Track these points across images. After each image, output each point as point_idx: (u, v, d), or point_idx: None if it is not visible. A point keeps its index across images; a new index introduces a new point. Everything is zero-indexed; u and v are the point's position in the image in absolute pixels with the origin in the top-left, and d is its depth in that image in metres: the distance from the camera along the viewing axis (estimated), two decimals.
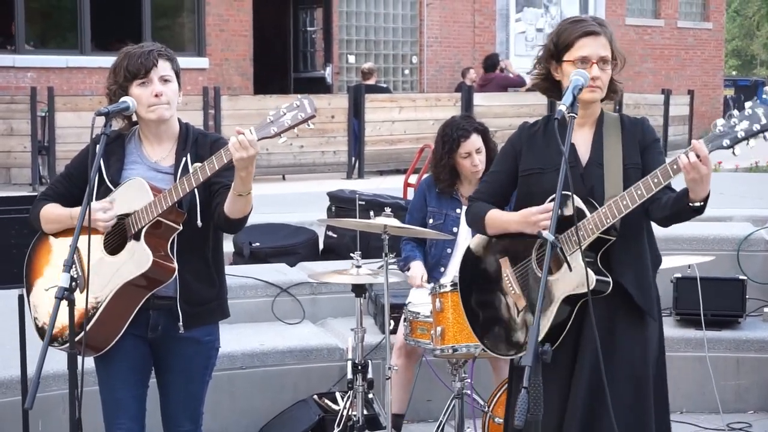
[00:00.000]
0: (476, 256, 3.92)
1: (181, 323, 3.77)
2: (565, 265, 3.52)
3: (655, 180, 3.39)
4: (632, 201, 3.44)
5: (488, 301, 3.83)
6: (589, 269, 3.47)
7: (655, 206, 3.57)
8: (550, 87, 3.79)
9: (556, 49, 3.69)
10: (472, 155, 5.35)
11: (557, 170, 3.40)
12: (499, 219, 3.80)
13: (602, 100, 3.79)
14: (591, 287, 3.46)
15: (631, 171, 3.63)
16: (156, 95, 3.70)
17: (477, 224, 3.90)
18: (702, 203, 3.46)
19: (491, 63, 17.38)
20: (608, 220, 3.48)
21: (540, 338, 3.46)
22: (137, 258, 3.64)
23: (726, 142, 3.31)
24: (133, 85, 3.71)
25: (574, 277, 3.51)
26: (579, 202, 3.55)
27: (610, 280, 3.58)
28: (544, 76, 3.79)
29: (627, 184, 3.55)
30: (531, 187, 3.74)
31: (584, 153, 3.72)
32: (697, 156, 3.31)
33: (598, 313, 3.54)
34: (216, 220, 3.72)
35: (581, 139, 3.73)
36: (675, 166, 3.37)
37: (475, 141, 5.37)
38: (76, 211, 3.71)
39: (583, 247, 3.50)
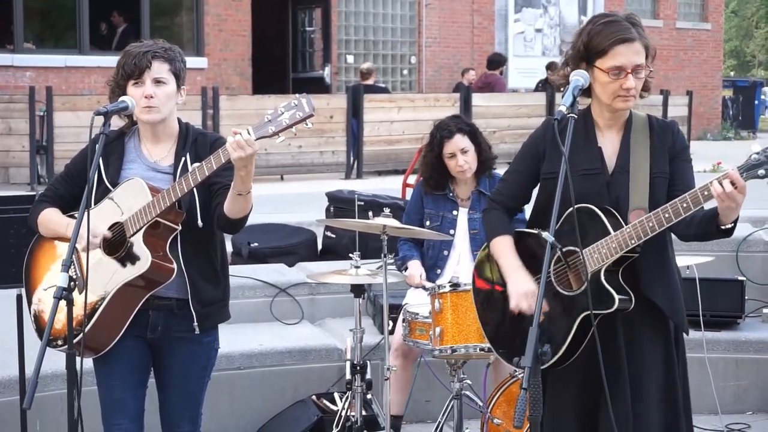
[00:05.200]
0: (492, 266, 3.78)
1: (195, 323, 3.76)
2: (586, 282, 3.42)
3: (684, 205, 3.29)
4: (659, 224, 3.34)
5: (504, 311, 3.70)
6: (611, 288, 3.41)
7: (679, 222, 3.42)
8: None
9: (587, 53, 3.52)
10: (457, 156, 5.33)
11: (582, 175, 3.36)
12: (500, 258, 3.68)
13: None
14: (615, 308, 3.41)
15: (657, 180, 3.53)
16: (146, 97, 3.68)
17: (487, 236, 3.81)
18: (732, 225, 3.39)
19: (496, 61, 17.26)
20: (632, 241, 3.38)
21: (559, 355, 3.44)
22: (136, 259, 3.63)
23: (762, 172, 3.24)
24: (128, 84, 3.70)
25: (595, 296, 3.41)
26: (601, 219, 3.45)
27: (632, 297, 3.48)
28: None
29: (653, 193, 3.48)
30: (554, 192, 3.46)
31: (611, 159, 3.59)
32: (733, 185, 3.23)
33: (616, 323, 3.51)
34: (216, 220, 3.71)
35: (609, 144, 3.62)
36: (706, 193, 3.27)
37: (459, 141, 5.34)
38: (72, 225, 3.69)
39: (604, 267, 3.42)
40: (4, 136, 12.36)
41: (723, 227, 3.39)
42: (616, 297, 3.42)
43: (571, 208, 3.35)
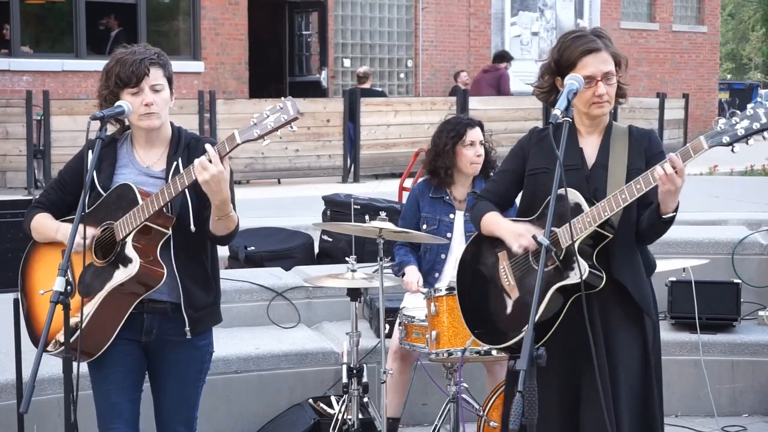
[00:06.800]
0: (476, 250, 3.97)
1: (188, 328, 3.77)
2: (561, 256, 3.59)
3: (654, 174, 3.45)
4: (630, 195, 3.50)
5: (484, 292, 3.88)
6: (582, 260, 3.53)
7: (637, 223, 3.67)
8: (555, 100, 3.78)
9: (558, 67, 3.76)
10: (476, 145, 5.42)
11: (565, 171, 3.43)
12: (491, 221, 3.87)
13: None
14: (583, 278, 3.50)
15: (634, 174, 3.66)
16: (146, 105, 3.69)
17: (475, 223, 3.98)
18: (673, 214, 3.57)
19: (500, 56, 17.51)
20: (606, 213, 3.54)
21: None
22: (125, 263, 3.64)
23: (726, 139, 3.39)
24: (124, 92, 3.69)
25: (566, 268, 3.58)
26: (578, 197, 3.61)
27: (603, 275, 3.63)
28: (547, 89, 3.85)
29: None
30: (537, 186, 3.81)
31: (591, 156, 3.81)
32: (674, 168, 3.40)
33: (592, 310, 3.60)
34: (205, 232, 3.73)
35: (589, 145, 3.83)
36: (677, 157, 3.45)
37: (478, 133, 5.48)
38: (63, 227, 3.74)
39: (578, 240, 3.55)
40: (1, 140, 12.37)
41: (664, 216, 3.55)
42: (587, 268, 3.56)
43: (550, 196, 3.46)
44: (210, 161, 3.48)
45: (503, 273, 3.80)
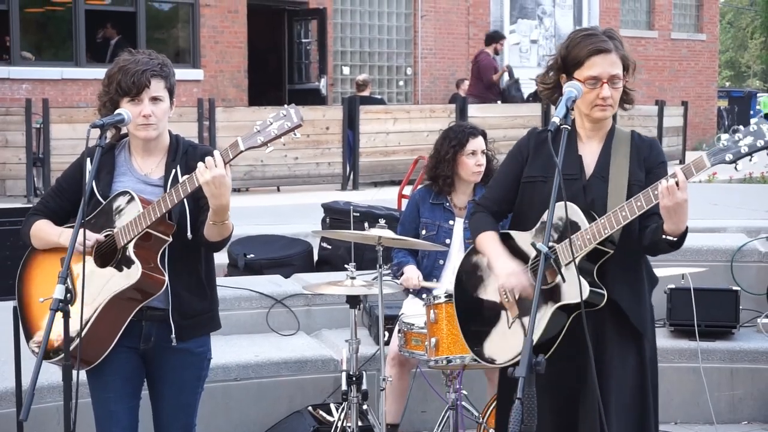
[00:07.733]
0: (474, 264, 3.91)
1: (173, 335, 3.77)
2: (560, 274, 3.53)
3: (656, 192, 3.37)
4: (631, 212, 3.42)
5: (482, 309, 3.83)
6: (583, 279, 3.47)
7: (642, 233, 3.59)
8: (558, 98, 3.70)
9: (565, 64, 3.67)
10: (477, 154, 5.43)
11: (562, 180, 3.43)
12: (486, 248, 3.79)
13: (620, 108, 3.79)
14: (584, 298, 3.45)
15: (635, 188, 3.59)
16: (144, 116, 3.69)
17: (473, 235, 3.91)
18: (677, 239, 3.47)
19: (490, 36, 17.24)
20: (606, 231, 3.47)
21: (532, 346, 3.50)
22: (126, 270, 3.64)
23: (729, 156, 3.28)
24: (123, 101, 3.70)
25: (568, 287, 3.52)
26: (578, 213, 3.55)
27: (604, 292, 3.56)
28: (551, 86, 3.76)
29: (630, 199, 3.53)
30: (533, 195, 3.74)
31: (590, 165, 3.71)
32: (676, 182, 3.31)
33: (589, 329, 3.56)
34: (199, 237, 3.73)
35: (589, 152, 3.73)
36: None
37: (481, 143, 5.49)
38: (66, 231, 3.74)
39: (578, 258, 3.49)
40: (1, 148, 12.38)
41: (667, 238, 3.46)
42: (588, 287, 3.49)
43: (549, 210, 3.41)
44: (215, 164, 3.49)
45: (501, 289, 3.72)
